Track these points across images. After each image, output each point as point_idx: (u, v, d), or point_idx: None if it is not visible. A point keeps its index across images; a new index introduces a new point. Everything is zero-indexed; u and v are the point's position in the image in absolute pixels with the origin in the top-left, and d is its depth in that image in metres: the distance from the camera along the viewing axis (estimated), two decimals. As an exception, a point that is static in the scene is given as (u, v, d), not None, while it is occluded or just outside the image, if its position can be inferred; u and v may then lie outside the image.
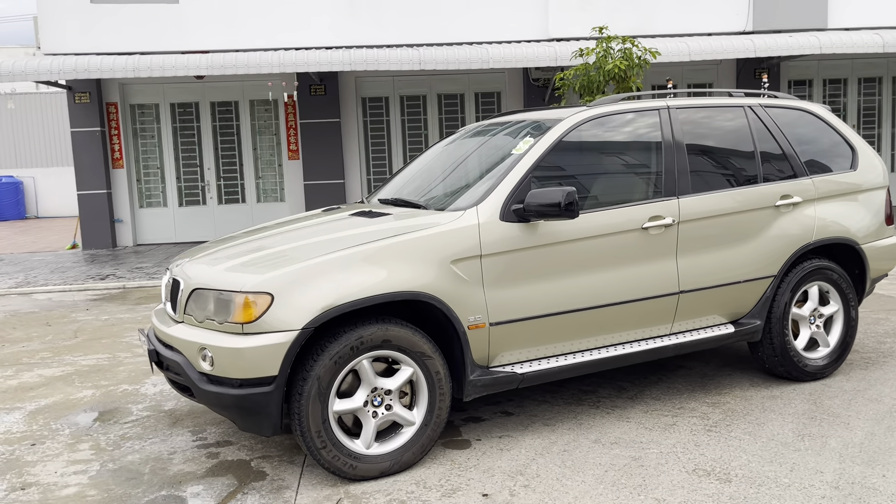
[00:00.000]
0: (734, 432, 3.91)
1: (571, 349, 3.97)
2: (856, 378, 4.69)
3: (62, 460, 3.92)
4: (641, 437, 3.90)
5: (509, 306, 3.71)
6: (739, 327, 4.41)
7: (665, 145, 4.25)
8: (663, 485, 3.35)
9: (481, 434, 4.02)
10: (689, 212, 4.18)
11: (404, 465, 3.55)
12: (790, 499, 3.18)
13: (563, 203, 3.57)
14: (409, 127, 13.95)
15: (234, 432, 4.22)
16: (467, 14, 12.57)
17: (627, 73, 9.52)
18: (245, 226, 13.74)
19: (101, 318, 7.61)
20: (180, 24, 12.40)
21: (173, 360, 3.52)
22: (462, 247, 3.62)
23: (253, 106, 13.70)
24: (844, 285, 4.71)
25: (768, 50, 11.60)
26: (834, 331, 4.74)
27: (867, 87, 14.46)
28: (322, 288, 3.33)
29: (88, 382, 5.32)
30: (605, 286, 3.95)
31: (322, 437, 3.36)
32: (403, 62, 11.23)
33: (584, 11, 12.55)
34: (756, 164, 4.50)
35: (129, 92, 13.51)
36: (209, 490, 3.49)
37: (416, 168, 4.98)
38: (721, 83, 14.05)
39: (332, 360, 3.34)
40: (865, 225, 4.79)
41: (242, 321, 3.29)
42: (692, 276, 4.20)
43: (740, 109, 4.59)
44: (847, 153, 4.88)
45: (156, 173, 13.75)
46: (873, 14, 12.90)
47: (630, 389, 4.64)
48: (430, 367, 3.55)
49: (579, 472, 3.51)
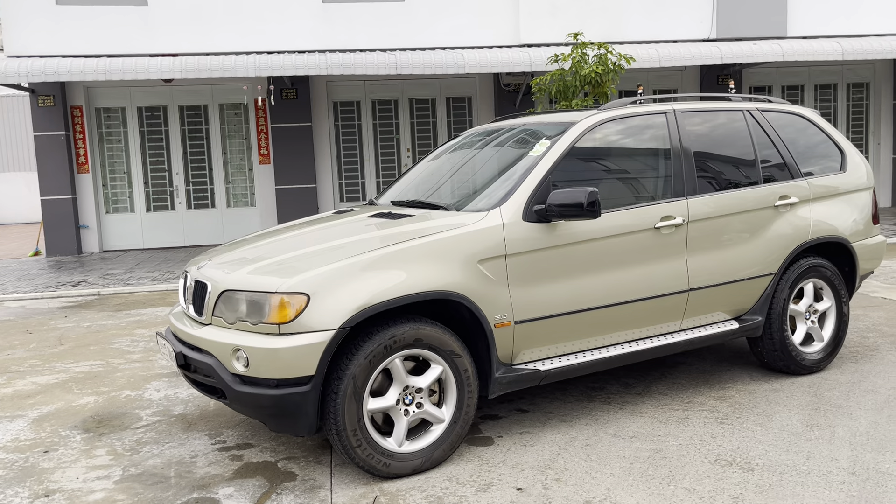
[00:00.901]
0: (745, 424, 4.06)
1: (589, 346, 4.07)
2: (849, 371, 4.89)
3: (81, 466, 3.87)
4: (658, 430, 4.02)
5: (532, 305, 3.80)
6: (743, 323, 4.58)
7: (673, 147, 4.39)
8: (689, 475, 3.47)
9: (501, 431, 4.09)
10: (697, 212, 4.33)
11: (435, 462, 3.60)
12: (812, 485, 3.32)
13: (586, 203, 3.66)
14: (380, 131, 13.96)
15: (252, 434, 4.21)
16: (440, 19, 12.66)
17: (603, 78, 9.72)
18: (215, 231, 13.64)
19: (83, 325, 7.46)
20: (149, 26, 12.21)
21: (203, 363, 3.50)
22: (488, 246, 3.69)
23: (223, 110, 13.55)
24: (837, 282, 4.91)
25: (734, 57, 11.96)
26: (827, 326, 4.94)
27: (823, 93, 14.99)
28: (356, 288, 3.37)
29: (87, 389, 5.23)
30: (620, 284, 4.07)
31: (357, 435, 3.39)
32: (380, 66, 11.25)
33: (554, 18, 12.75)
34: (756, 166, 4.68)
35: (95, 95, 13.24)
36: (241, 492, 3.48)
37: (423, 170, 5.03)
38: (685, 89, 14.41)
39: (366, 359, 3.37)
40: (855, 224, 5.01)
41: (279, 322, 3.30)
42: (701, 274, 4.34)
43: (740, 113, 4.76)
44: (836, 155, 5.10)
45: (122, 178, 13.49)
46: (830, 23, 13.39)
47: (636, 386, 4.76)
48: (458, 365, 3.61)
49: (606, 465, 3.60)
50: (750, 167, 4.67)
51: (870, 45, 12.35)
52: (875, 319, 6.23)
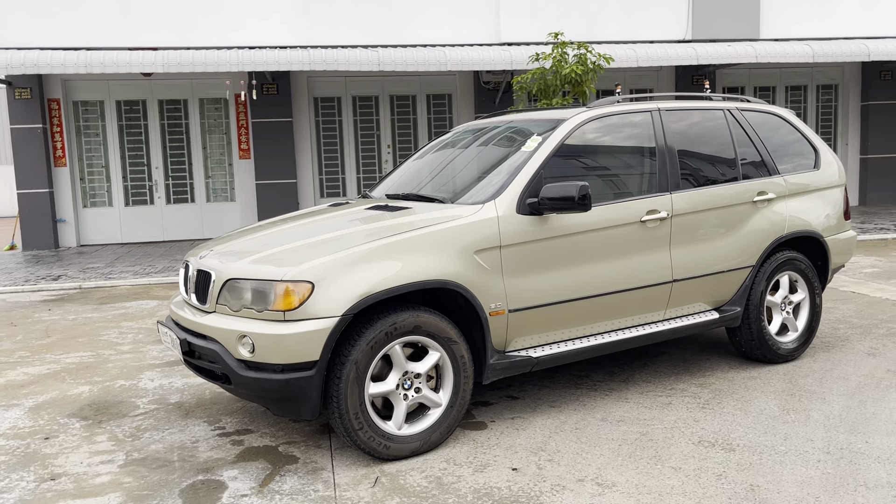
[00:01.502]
0: (726, 409, 4.26)
1: (579, 335, 4.23)
2: (821, 360, 5.12)
3: (83, 452, 3.95)
4: (643, 415, 4.20)
5: (526, 294, 3.95)
6: (723, 314, 4.78)
7: (658, 144, 4.58)
8: (675, 455, 3.65)
9: (494, 416, 4.24)
10: (680, 206, 4.51)
11: (432, 444, 3.74)
12: (790, 463, 3.52)
13: (578, 197, 3.82)
14: (361, 128, 14.05)
15: (251, 421, 4.31)
16: (421, 17, 12.78)
17: (583, 77, 9.92)
18: (195, 226, 13.64)
19: (69, 318, 7.48)
20: (129, 20, 12.16)
21: (208, 349, 3.60)
22: (483, 238, 3.83)
23: (203, 104, 13.54)
24: (811, 275, 5.14)
25: (709, 58, 12.24)
26: (801, 316, 5.16)
27: (794, 94, 15.37)
28: (359, 277, 3.49)
29: (81, 379, 5.29)
30: (609, 275, 4.24)
31: (359, 418, 3.52)
32: (363, 63, 11.35)
33: (533, 17, 12.94)
34: (736, 163, 4.88)
35: (73, 88, 13.16)
36: (245, 474, 3.60)
37: (415, 165, 5.16)
38: (660, 89, 14.69)
39: (368, 345, 3.50)
40: (828, 220, 5.24)
41: (284, 309, 3.42)
42: (684, 265, 4.53)
43: (720, 112, 4.96)
44: (810, 154, 5.33)
45: (100, 172, 13.43)
46: (800, 26, 13.75)
47: (620, 374, 4.94)
48: (455, 351, 3.75)
49: (596, 447, 3.77)
50: (730, 164, 4.87)
51: (839, 48, 12.71)
52: (845, 312, 6.48)
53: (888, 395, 4.40)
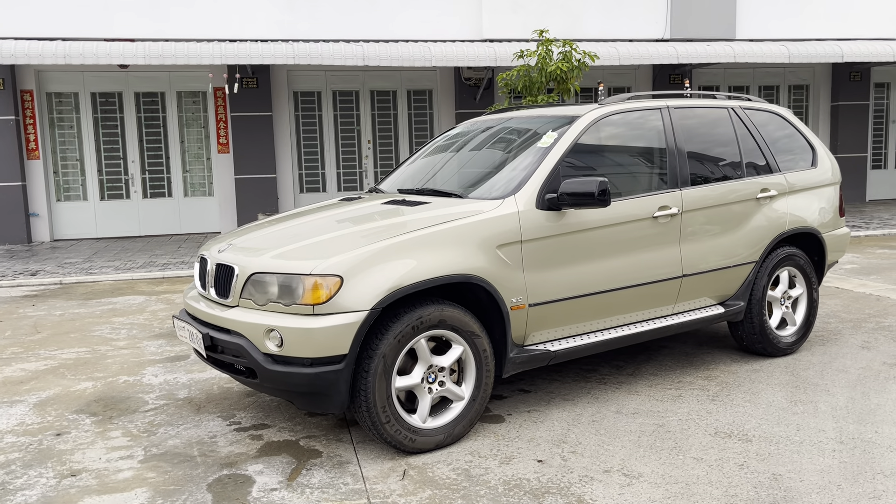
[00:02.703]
0: (735, 400, 4.35)
1: (593, 328, 4.29)
2: (819, 353, 5.26)
3: (100, 447, 3.89)
4: (656, 407, 4.27)
5: (545, 288, 3.99)
6: (727, 308, 4.88)
7: (668, 141, 4.65)
8: (695, 446, 3.72)
9: (510, 409, 4.28)
10: (690, 202, 4.60)
11: (456, 437, 3.77)
12: (807, 453, 3.62)
13: (597, 192, 3.87)
14: (341, 122, 13.98)
15: (266, 416, 4.29)
16: (404, 12, 12.75)
17: (568, 75, 10.00)
18: (172, 220, 13.44)
19: (55, 314, 7.34)
20: (105, 10, 11.93)
21: (233, 343, 3.58)
22: (505, 232, 3.87)
23: (180, 97, 13.34)
24: (808, 270, 5.27)
25: (689, 57, 12.42)
26: (799, 311, 5.29)
27: (766, 94, 15.67)
28: (387, 271, 3.50)
29: (82, 375, 5.20)
30: (622, 270, 4.30)
31: (386, 412, 3.53)
32: (347, 57, 11.29)
33: (515, 14, 13.00)
34: (741, 161, 4.99)
35: (47, 79, 12.87)
36: (271, 468, 3.58)
37: (422, 160, 5.17)
38: (638, 87, 14.87)
39: (395, 338, 3.51)
40: (824, 216, 5.37)
41: (313, 303, 3.41)
42: (693, 261, 4.61)
43: (725, 111, 5.06)
44: (808, 152, 5.46)
45: (75, 165, 13.16)
46: (775, 27, 14.04)
47: (627, 367, 5.02)
48: (478, 345, 3.78)
49: (616, 439, 3.83)
50: (735, 161, 4.97)
51: (814, 49, 12.99)
52: (833, 307, 6.66)
53: (888, 386, 4.54)
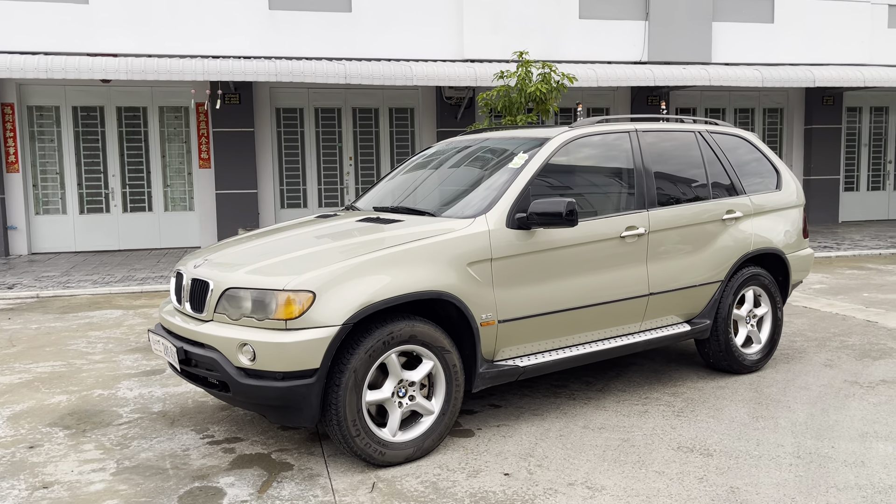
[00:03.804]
0: (699, 416, 4.47)
1: (562, 345, 4.40)
2: (783, 371, 5.39)
3: (72, 460, 3.93)
4: (622, 422, 4.38)
5: (514, 305, 4.10)
6: (694, 326, 5.01)
7: (635, 163, 4.79)
8: (657, 460, 3.83)
9: (480, 424, 4.37)
10: (657, 222, 4.73)
11: (425, 451, 3.85)
12: (765, 467, 3.74)
13: (565, 212, 3.99)
14: (323, 139, 14.08)
15: (239, 429, 4.35)
16: (386, 31, 12.91)
17: (547, 96, 10.18)
18: (152, 235, 13.45)
19: (31, 327, 7.34)
20: (89, 26, 11.98)
21: (207, 357, 3.64)
22: (475, 250, 3.97)
23: (162, 112, 13.39)
24: (773, 289, 5.42)
25: (665, 79, 12.67)
26: (764, 329, 5.43)
27: (742, 116, 15.98)
28: (359, 287, 3.59)
29: (56, 388, 5.23)
30: (591, 288, 4.42)
31: (356, 425, 3.60)
32: (329, 75, 11.41)
33: (496, 35, 13.21)
34: (707, 183, 5.14)
35: (28, 93, 12.88)
36: (242, 480, 3.64)
37: (398, 179, 5.28)
38: (617, 108, 15.12)
39: (367, 353, 3.60)
40: (788, 237, 5.53)
41: (285, 317, 3.49)
42: (659, 279, 4.74)
43: (692, 134, 5.22)
44: (773, 175, 5.63)
45: (54, 179, 13.14)
46: (750, 52, 14.35)
47: (596, 383, 5.12)
48: (448, 360, 3.87)
49: (581, 453, 3.93)
50: (701, 183, 5.12)
51: (787, 74, 13.30)
52: (799, 325, 6.82)
53: (847, 403, 4.67)
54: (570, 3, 13.54)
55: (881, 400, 4.71)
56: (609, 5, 13.75)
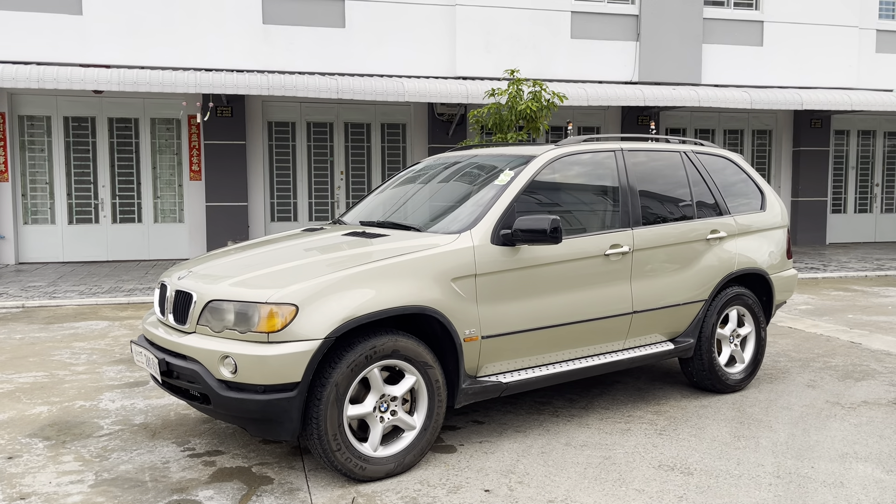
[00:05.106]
0: (681, 435, 4.48)
1: (545, 362, 4.41)
2: (766, 390, 5.41)
3: (51, 472, 3.90)
4: (604, 440, 4.38)
5: (498, 321, 4.11)
6: (677, 345, 5.03)
7: (620, 182, 4.83)
8: (638, 478, 3.83)
9: (462, 440, 4.36)
10: (641, 241, 4.76)
11: (406, 466, 3.84)
12: (744, 486, 3.75)
13: (549, 230, 4.02)
14: (315, 153, 14.11)
15: (220, 442, 4.33)
16: (380, 48, 13.00)
17: (537, 114, 10.25)
18: (141, 246, 13.42)
19: (15, 337, 7.30)
20: (82, 36, 12.02)
21: (188, 369, 3.64)
22: (460, 266, 3.99)
23: (154, 124, 13.40)
24: (757, 309, 5.45)
25: (655, 100, 12.79)
26: (748, 349, 5.46)
27: (731, 138, 16.12)
28: (342, 301, 3.60)
29: (38, 399, 5.19)
30: (574, 305, 4.44)
31: (337, 440, 3.60)
32: (321, 90, 11.46)
33: (488, 53, 13.31)
34: (691, 203, 5.18)
35: (19, 102, 12.88)
36: (221, 494, 3.62)
37: (385, 195, 5.30)
38: (607, 127, 15.22)
39: (348, 367, 3.60)
40: (772, 258, 5.58)
41: (267, 330, 3.49)
42: (643, 298, 4.76)
43: (677, 154, 5.26)
44: (758, 196, 5.68)
45: (44, 188, 13.12)
46: (739, 74, 14.53)
47: (580, 401, 5.13)
48: (430, 375, 3.88)
49: (563, 470, 3.93)
50: (686, 203, 5.16)
51: (775, 96, 13.44)
52: (784, 346, 6.85)
53: (829, 424, 4.69)
54: (563, 23, 13.68)
55: (862, 421, 4.74)
56: (601, 26, 13.89)
